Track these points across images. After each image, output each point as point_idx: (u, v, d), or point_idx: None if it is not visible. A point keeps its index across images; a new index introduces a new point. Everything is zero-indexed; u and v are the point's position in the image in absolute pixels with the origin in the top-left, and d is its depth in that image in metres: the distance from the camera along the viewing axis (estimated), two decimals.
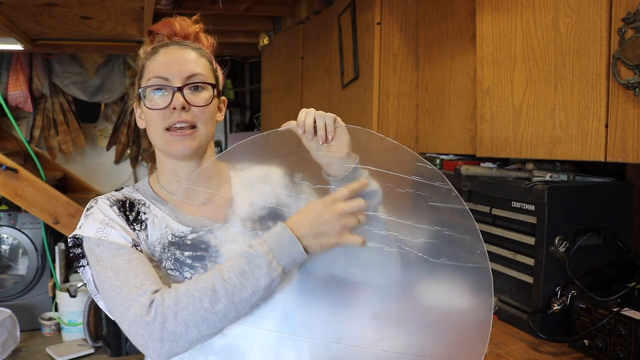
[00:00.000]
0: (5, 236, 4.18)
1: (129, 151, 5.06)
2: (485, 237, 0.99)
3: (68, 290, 3.81)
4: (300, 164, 1.04)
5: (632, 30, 1.20)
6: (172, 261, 1.01)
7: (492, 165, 1.79)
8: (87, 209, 1.06)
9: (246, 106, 5.38)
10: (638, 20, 1.18)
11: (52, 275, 4.13)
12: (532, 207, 1.48)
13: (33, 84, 4.59)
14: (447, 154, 2.00)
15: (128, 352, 3.71)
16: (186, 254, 1.01)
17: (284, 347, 0.98)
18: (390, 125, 2.21)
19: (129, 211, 1.06)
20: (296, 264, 0.94)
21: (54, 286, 4.05)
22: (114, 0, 2.77)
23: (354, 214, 0.95)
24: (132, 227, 1.04)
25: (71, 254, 1.07)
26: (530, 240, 1.50)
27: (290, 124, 1.03)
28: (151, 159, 5.00)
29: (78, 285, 3.80)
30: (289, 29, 3.38)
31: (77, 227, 1.04)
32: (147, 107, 1.06)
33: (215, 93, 1.10)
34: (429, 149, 2.07)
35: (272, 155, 1.07)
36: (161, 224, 1.04)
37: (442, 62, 1.97)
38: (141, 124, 1.12)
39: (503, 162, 1.83)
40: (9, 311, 3.55)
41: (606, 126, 1.27)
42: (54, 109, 4.79)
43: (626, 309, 1.31)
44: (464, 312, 1.01)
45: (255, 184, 1.08)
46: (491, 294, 0.97)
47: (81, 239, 1.04)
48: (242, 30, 3.83)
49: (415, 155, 1.02)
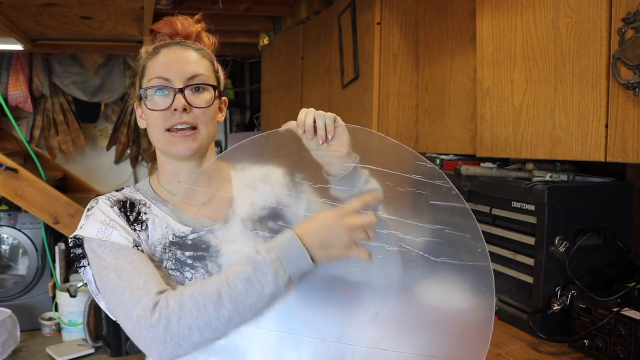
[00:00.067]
0: (5, 236, 4.18)
1: (129, 151, 5.06)
2: (485, 237, 0.98)
3: (68, 290, 3.81)
4: (301, 163, 1.04)
5: (632, 30, 1.20)
6: (173, 261, 1.01)
7: (492, 165, 1.79)
8: (88, 209, 1.06)
9: (246, 106, 5.38)
10: (638, 20, 1.18)
11: (52, 275, 4.13)
12: (532, 207, 1.48)
13: (33, 84, 4.59)
14: (447, 154, 2.00)
15: (128, 352, 3.71)
16: (187, 254, 1.01)
17: (284, 346, 0.98)
18: (390, 125, 2.21)
19: (130, 211, 1.06)
20: (302, 274, 0.93)
21: (54, 286, 4.05)
22: (114, 0, 2.77)
23: (364, 228, 0.95)
24: (132, 227, 1.03)
25: (72, 254, 1.07)
26: (530, 240, 1.50)
27: (290, 124, 1.03)
28: (151, 159, 5.00)
29: (78, 285, 3.80)
30: (289, 29, 3.38)
31: (78, 227, 1.04)
32: (148, 107, 1.06)
33: (217, 94, 1.10)
34: (429, 149, 2.07)
35: (272, 155, 1.07)
36: (162, 224, 1.04)
37: (442, 62, 1.97)
38: (142, 123, 1.12)
39: (503, 162, 1.83)
40: (9, 311, 3.55)
41: (606, 126, 1.27)
42: (54, 109, 4.79)
43: (626, 309, 1.31)
44: (465, 312, 1.01)
45: (255, 183, 1.08)
46: (492, 292, 0.96)
47: (82, 239, 1.04)
48: (242, 30, 3.83)
49: (415, 154, 1.02)
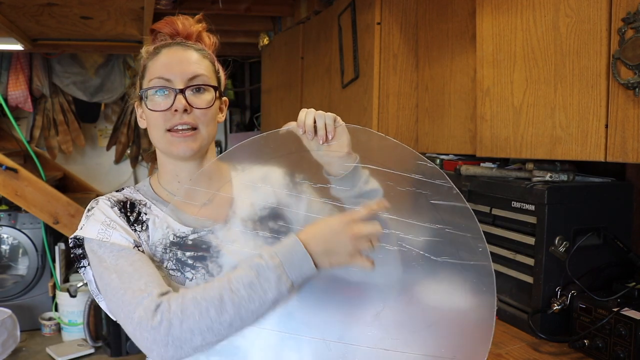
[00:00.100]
0: (5, 236, 4.18)
1: (129, 151, 5.06)
2: (485, 237, 0.98)
3: (68, 290, 3.81)
4: (301, 163, 1.04)
5: (632, 30, 1.20)
6: (173, 261, 1.01)
7: (492, 165, 1.79)
8: (88, 210, 1.06)
9: (246, 106, 5.38)
10: (638, 20, 1.18)
11: (52, 275, 4.13)
12: (532, 207, 1.48)
13: (33, 84, 4.59)
14: (447, 154, 2.00)
15: (128, 352, 3.70)
16: (187, 254, 1.01)
17: (285, 346, 0.98)
18: (390, 125, 2.21)
19: (130, 212, 1.05)
20: (305, 279, 0.93)
21: (54, 286, 4.05)
22: (114, 0, 2.77)
23: (369, 237, 0.95)
24: (133, 227, 1.03)
25: (72, 255, 1.07)
26: (530, 240, 1.50)
27: (290, 125, 1.03)
28: (151, 159, 5.00)
29: (78, 285, 3.80)
30: (289, 29, 3.38)
31: (79, 228, 1.04)
32: (148, 108, 1.06)
33: (217, 94, 1.09)
34: (429, 149, 2.07)
35: (272, 156, 1.07)
36: (163, 224, 1.04)
37: (442, 62, 1.97)
38: (142, 123, 1.12)
39: (503, 162, 1.83)
40: (9, 311, 3.55)
41: (606, 126, 1.27)
42: (54, 109, 4.79)
43: (626, 309, 1.31)
44: (466, 311, 1.01)
45: (255, 184, 1.08)
46: (494, 292, 0.96)
47: (82, 240, 1.04)
48: (242, 30, 3.83)
49: (415, 154, 1.02)
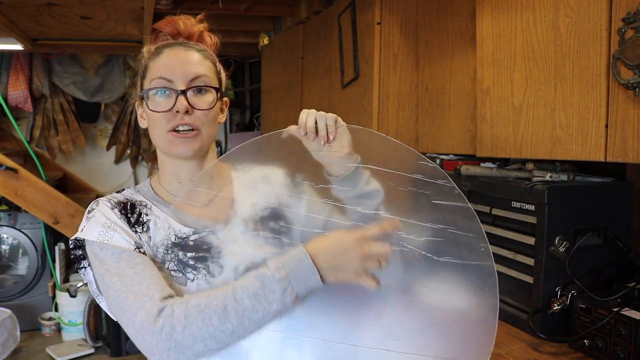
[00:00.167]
0: (5, 236, 4.18)
1: (129, 151, 5.05)
2: None
3: (68, 290, 3.81)
4: (302, 164, 1.04)
5: (632, 30, 1.20)
6: (175, 262, 1.01)
7: (492, 165, 1.79)
8: (89, 212, 1.06)
9: (246, 106, 5.38)
10: (638, 20, 1.18)
11: (52, 275, 4.13)
12: (532, 207, 1.48)
13: (33, 84, 4.59)
14: (447, 154, 2.00)
15: (128, 352, 3.71)
16: (189, 255, 1.01)
17: (286, 347, 0.98)
18: (390, 125, 2.21)
19: (131, 213, 1.05)
20: (310, 292, 0.93)
21: (54, 286, 4.05)
22: (114, 0, 2.77)
23: (378, 257, 0.94)
24: (134, 229, 1.03)
25: (72, 256, 1.07)
26: (530, 240, 1.50)
27: (291, 129, 1.03)
28: (151, 159, 5.00)
29: (78, 285, 3.80)
30: (289, 29, 3.38)
31: (79, 229, 1.04)
32: (150, 108, 1.06)
33: (219, 95, 1.09)
34: (429, 149, 2.07)
35: (274, 157, 1.07)
36: (164, 225, 1.04)
37: (442, 62, 1.97)
38: (143, 123, 1.12)
39: (503, 162, 1.83)
40: (9, 311, 3.55)
41: (606, 126, 1.27)
42: (54, 109, 4.79)
43: (626, 309, 1.31)
44: (468, 312, 1.01)
45: (256, 184, 1.08)
46: (496, 292, 0.96)
47: (83, 241, 1.04)
48: (242, 30, 3.83)
49: (416, 154, 1.02)
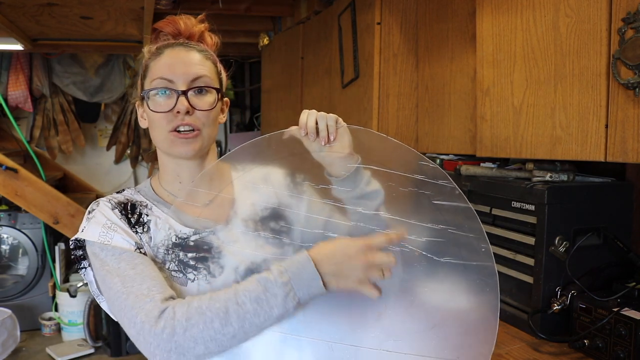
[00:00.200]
0: (5, 236, 4.18)
1: (129, 151, 5.05)
2: None
3: (68, 290, 3.81)
4: (302, 164, 1.04)
5: (632, 30, 1.20)
6: (175, 263, 1.01)
7: (492, 165, 1.79)
8: (89, 212, 1.06)
9: (246, 106, 5.38)
10: (638, 20, 1.18)
11: (52, 275, 4.13)
12: (532, 207, 1.49)
13: (33, 84, 4.59)
14: (447, 154, 2.00)
15: (128, 352, 3.71)
16: (189, 255, 1.01)
17: (286, 347, 0.98)
18: (390, 125, 2.21)
19: (131, 214, 1.05)
20: (312, 297, 0.93)
21: (54, 286, 4.05)
22: (114, 0, 2.77)
23: (382, 267, 0.95)
24: (134, 229, 1.03)
25: (72, 256, 1.07)
26: (530, 240, 1.50)
27: (292, 130, 1.03)
28: (151, 159, 5.00)
29: (78, 285, 3.80)
30: (289, 29, 3.38)
31: (80, 230, 1.04)
32: (150, 109, 1.06)
33: (219, 96, 1.09)
34: (429, 149, 2.07)
35: (274, 157, 1.07)
36: (165, 226, 1.04)
37: (442, 62, 1.97)
38: (143, 123, 1.12)
39: (503, 162, 1.83)
40: (9, 311, 3.55)
41: (606, 126, 1.27)
42: (54, 109, 4.79)
43: (626, 309, 1.31)
44: (469, 312, 1.01)
45: (257, 184, 1.08)
46: (497, 292, 0.96)
47: (83, 241, 1.04)
48: (242, 30, 3.83)
49: (417, 154, 1.02)
